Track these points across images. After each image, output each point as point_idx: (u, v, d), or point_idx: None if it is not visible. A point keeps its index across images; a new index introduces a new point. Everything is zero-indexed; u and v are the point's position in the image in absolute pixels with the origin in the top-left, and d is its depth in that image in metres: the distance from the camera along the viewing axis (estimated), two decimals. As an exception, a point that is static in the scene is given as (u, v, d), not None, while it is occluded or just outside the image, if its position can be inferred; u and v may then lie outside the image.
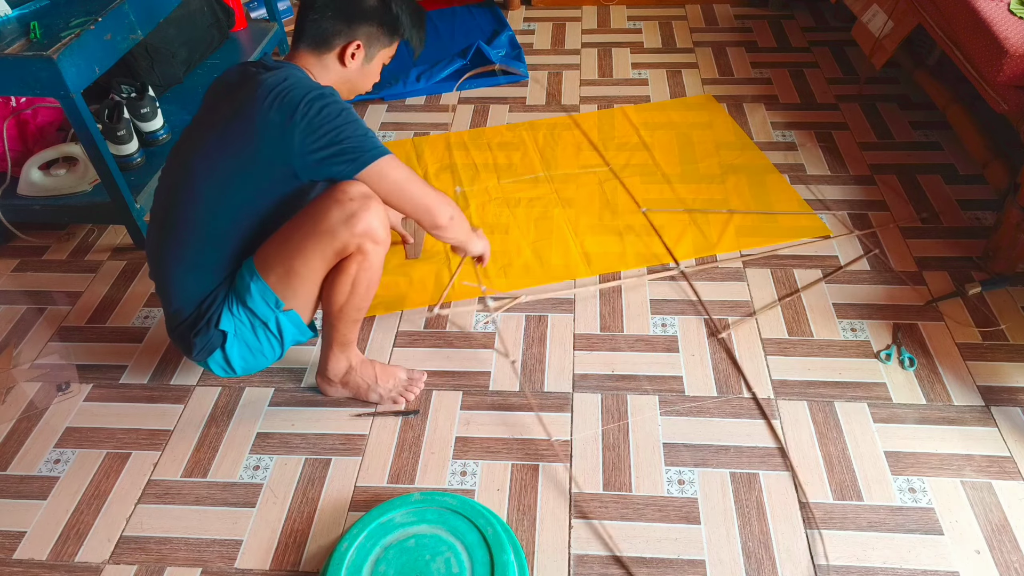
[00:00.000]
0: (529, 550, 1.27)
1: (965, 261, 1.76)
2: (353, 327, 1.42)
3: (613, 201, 2.02)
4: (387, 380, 1.51)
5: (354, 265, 1.30)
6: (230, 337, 1.35)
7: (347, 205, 1.25)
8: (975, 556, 1.23)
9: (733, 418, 1.46)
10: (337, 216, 1.25)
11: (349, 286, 1.32)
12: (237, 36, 2.59)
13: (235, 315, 1.35)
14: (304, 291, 1.34)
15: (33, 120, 1.99)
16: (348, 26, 1.31)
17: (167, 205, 1.34)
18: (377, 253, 1.30)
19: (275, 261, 1.31)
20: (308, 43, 1.32)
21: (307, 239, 1.27)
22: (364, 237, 1.26)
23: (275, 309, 1.34)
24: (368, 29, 1.33)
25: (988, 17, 1.65)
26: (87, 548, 1.32)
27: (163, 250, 1.35)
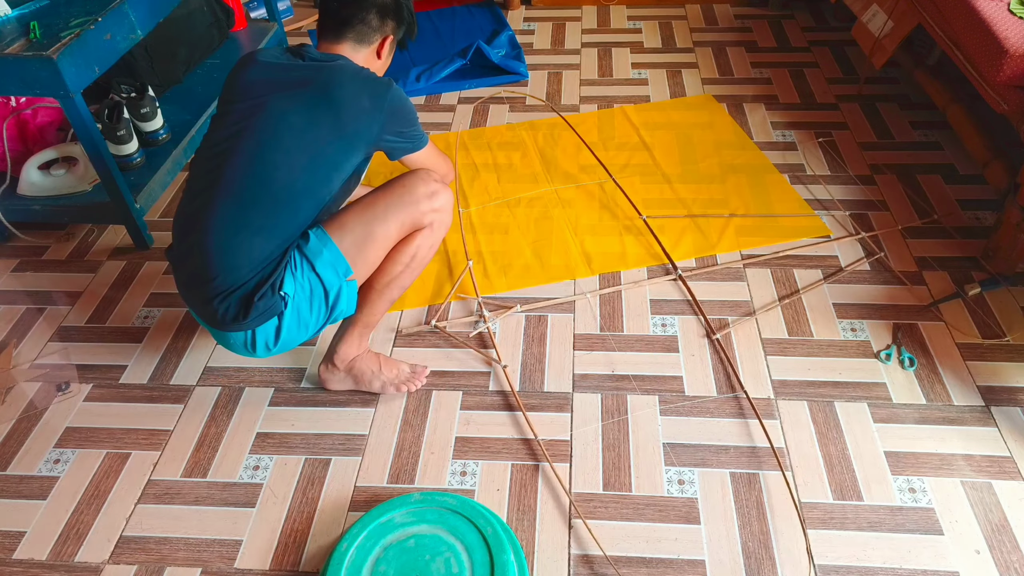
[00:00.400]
0: (529, 550, 1.27)
1: (965, 261, 1.76)
2: (386, 307, 1.49)
3: (613, 201, 2.02)
4: (391, 370, 1.53)
5: (420, 237, 1.43)
6: (290, 305, 1.34)
7: (431, 184, 1.43)
8: (975, 556, 1.23)
9: (733, 418, 1.46)
10: (423, 190, 1.41)
11: (409, 258, 1.43)
12: (237, 36, 2.59)
13: (298, 280, 1.34)
14: (373, 259, 1.41)
15: (33, 120, 1.98)
16: (382, 22, 1.45)
17: (227, 178, 1.32)
18: (442, 231, 1.47)
19: (355, 225, 1.38)
20: (350, 37, 1.44)
21: (391, 207, 1.39)
22: (440, 212, 1.43)
23: (341, 277, 1.37)
24: (393, 24, 1.48)
25: (988, 17, 1.65)
26: (87, 548, 1.32)
27: (221, 219, 1.30)
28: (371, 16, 1.43)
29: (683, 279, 1.75)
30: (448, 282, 1.80)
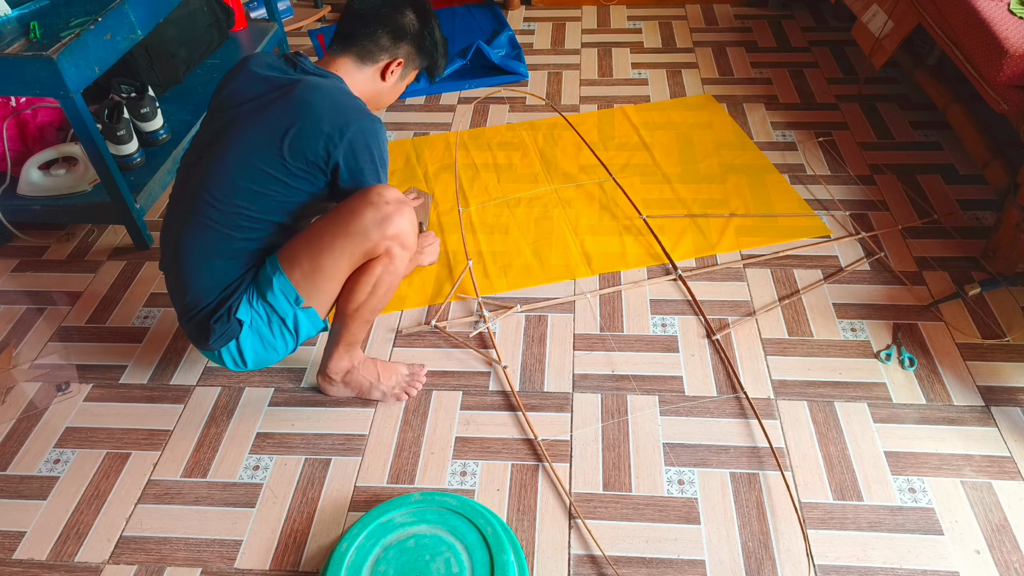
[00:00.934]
0: (529, 550, 1.27)
1: (965, 261, 1.76)
2: (364, 327, 1.43)
3: (613, 201, 2.02)
4: (389, 377, 1.52)
5: (379, 267, 1.32)
6: (245, 328, 1.34)
7: (382, 208, 1.28)
8: (975, 556, 1.23)
9: (733, 418, 1.46)
10: (371, 217, 1.27)
11: (370, 287, 1.34)
12: (237, 36, 2.59)
13: (253, 307, 1.34)
14: (327, 289, 1.34)
15: (33, 120, 1.98)
16: (394, 44, 1.39)
17: (194, 193, 1.33)
18: (403, 258, 1.33)
19: (302, 257, 1.32)
20: (353, 53, 1.38)
21: (338, 238, 1.29)
22: (394, 240, 1.29)
23: (294, 305, 1.34)
24: (409, 49, 1.41)
25: (988, 17, 1.65)
26: (87, 548, 1.32)
27: (187, 238, 1.33)
28: (381, 34, 1.37)
29: (683, 279, 1.75)
30: (448, 282, 1.80)
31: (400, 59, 1.41)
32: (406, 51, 1.41)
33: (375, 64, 1.40)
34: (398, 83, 1.45)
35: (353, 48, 1.38)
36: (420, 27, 1.41)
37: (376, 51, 1.38)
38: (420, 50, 1.43)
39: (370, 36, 1.36)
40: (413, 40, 1.40)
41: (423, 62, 1.46)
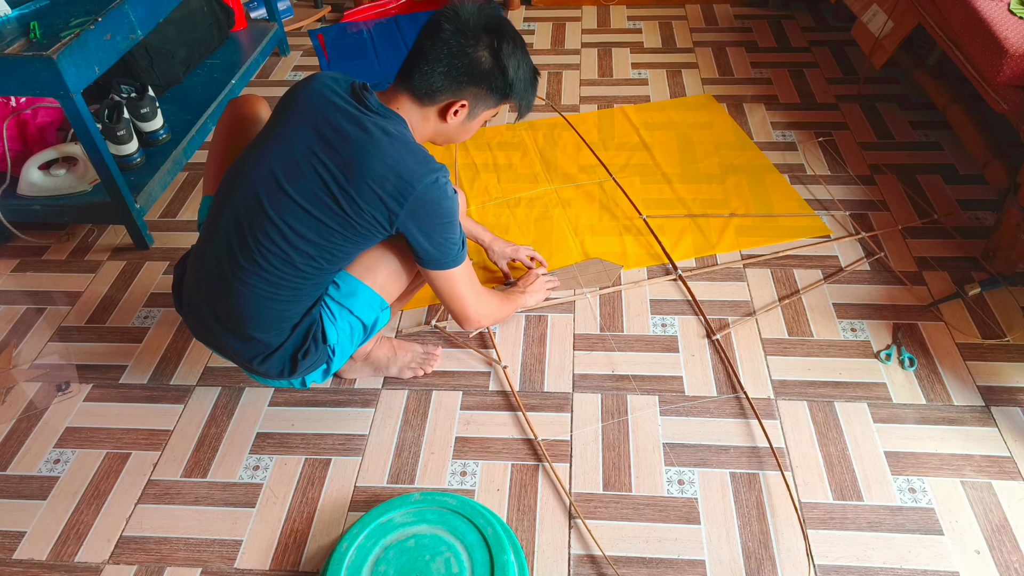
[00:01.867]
0: (529, 550, 1.27)
1: (965, 261, 1.76)
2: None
3: (613, 201, 2.02)
4: (405, 353, 1.57)
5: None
6: (338, 352, 1.33)
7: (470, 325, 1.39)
8: (975, 556, 1.23)
9: (733, 418, 1.46)
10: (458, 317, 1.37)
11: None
12: (237, 36, 2.59)
13: (338, 326, 1.30)
14: (408, 290, 1.40)
15: (33, 120, 1.99)
16: (456, 86, 1.21)
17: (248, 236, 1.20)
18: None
19: (379, 266, 1.31)
20: (414, 93, 1.22)
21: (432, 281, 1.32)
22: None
23: (378, 310, 1.34)
24: (476, 91, 1.23)
25: (988, 17, 1.65)
26: (87, 548, 1.32)
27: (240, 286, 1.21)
28: (440, 75, 1.19)
29: (683, 279, 1.75)
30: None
31: (463, 101, 1.23)
32: (472, 93, 1.22)
33: (434, 104, 1.23)
34: (467, 123, 1.28)
35: (411, 86, 1.21)
36: (492, 65, 1.21)
37: (435, 92, 1.21)
38: (493, 91, 1.23)
39: (426, 76, 1.19)
40: (482, 81, 1.21)
41: (499, 102, 1.27)
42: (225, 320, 1.26)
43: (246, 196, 1.20)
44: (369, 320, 1.34)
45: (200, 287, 1.28)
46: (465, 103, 1.23)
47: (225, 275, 1.22)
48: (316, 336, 1.28)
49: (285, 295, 1.22)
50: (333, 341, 1.30)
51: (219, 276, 1.23)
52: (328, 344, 1.30)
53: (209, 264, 1.25)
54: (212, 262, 1.24)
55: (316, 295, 1.28)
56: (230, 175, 1.26)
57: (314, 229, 1.18)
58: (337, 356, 1.33)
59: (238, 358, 1.32)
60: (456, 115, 1.25)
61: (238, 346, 1.28)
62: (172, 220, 2.06)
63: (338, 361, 1.35)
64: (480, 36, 1.19)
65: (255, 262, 1.19)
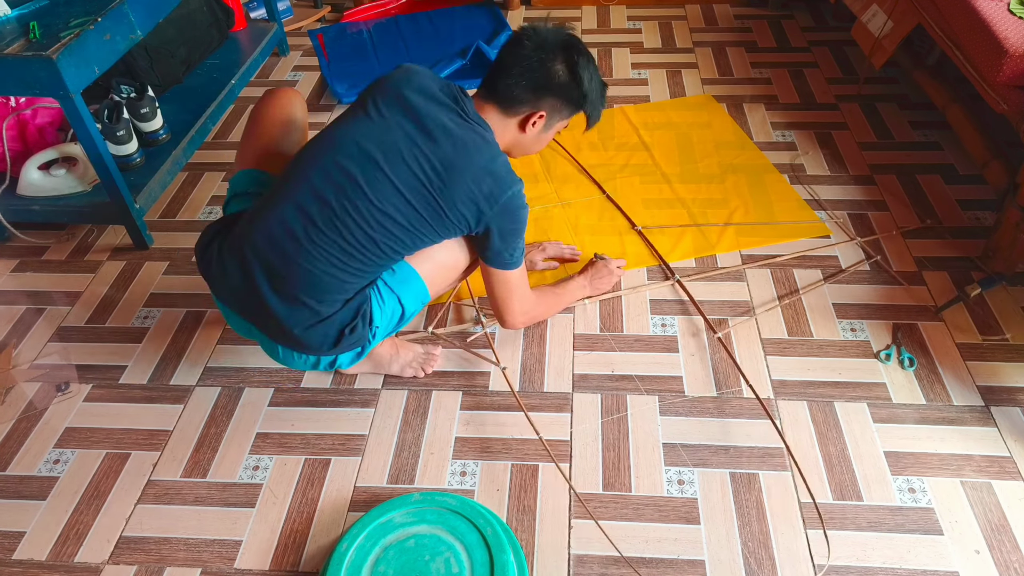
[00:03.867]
0: (529, 550, 1.27)
1: (965, 261, 1.76)
2: None
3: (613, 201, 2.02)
4: (407, 352, 1.57)
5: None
6: (379, 330, 1.37)
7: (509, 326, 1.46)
8: (975, 556, 1.23)
9: (733, 418, 1.46)
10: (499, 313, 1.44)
11: None
12: (237, 36, 2.59)
13: (384, 311, 1.35)
14: (453, 280, 1.43)
15: (33, 120, 1.98)
16: (536, 97, 1.31)
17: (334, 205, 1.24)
18: None
19: (436, 260, 1.37)
20: (497, 103, 1.32)
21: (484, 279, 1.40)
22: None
23: (422, 304, 1.41)
24: (554, 102, 1.33)
25: (988, 17, 1.65)
26: (87, 548, 1.32)
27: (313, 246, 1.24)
28: (521, 87, 1.29)
29: (681, 283, 1.75)
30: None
31: (542, 112, 1.32)
32: (550, 104, 1.32)
33: (515, 116, 1.33)
34: (542, 134, 1.38)
35: (495, 97, 1.32)
36: (568, 78, 1.30)
37: (516, 104, 1.31)
38: (568, 101, 1.33)
39: (510, 88, 1.29)
40: (559, 92, 1.31)
41: (572, 112, 1.37)
42: (279, 280, 1.26)
43: (333, 168, 1.24)
44: (411, 310, 1.38)
45: (258, 246, 1.26)
46: (543, 114, 1.33)
47: (297, 237, 1.24)
48: (365, 314, 1.32)
49: (354, 268, 1.27)
50: (377, 323, 1.34)
51: (289, 237, 1.25)
52: (373, 325, 1.34)
53: (275, 226, 1.26)
54: (279, 224, 1.25)
55: (377, 275, 1.33)
56: (310, 147, 1.30)
57: (405, 214, 1.25)
58: (375, 340, 1.37)
59: (276, 324, 1.29)
60: (534, 126, 1.34)
61: (282, 310, 1.27)
62: (172, 220, 2.06)
63: (372, 346, 1.39)
64: (557, 51, 1.30)
65: (337, 230, 1.23)
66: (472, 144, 1.25)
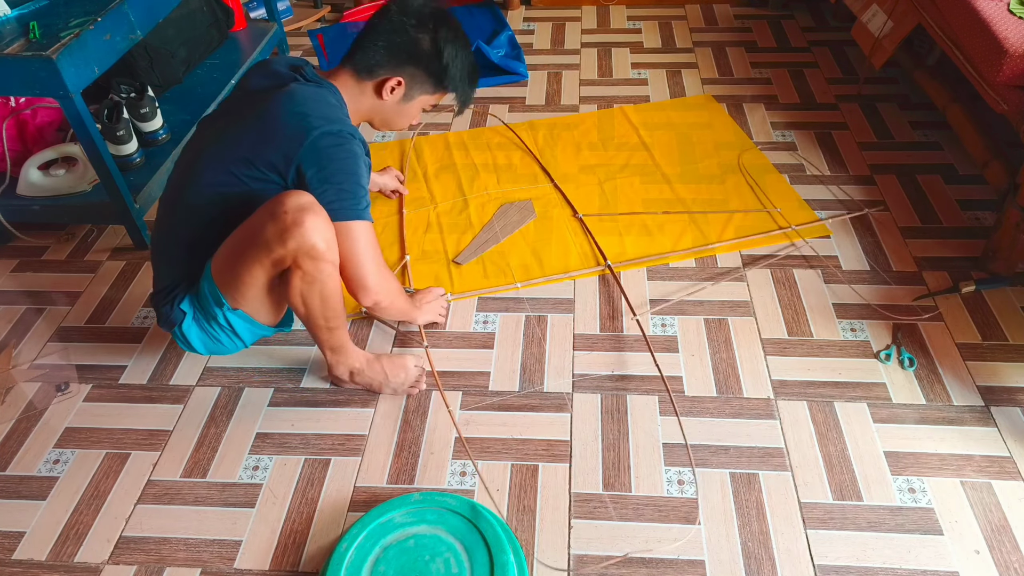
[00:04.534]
0: (529, 550, 1.27)
1: (965, 261, 1.76)
2: (332, 334, 1.39)
3: (613, 201, 2.02)
4: (397, 374, 1.51)
5: (297, 280, 1.26)
6: (188, 319, 1.38)
7: (281, 219, 1.19)
8: (975, 556, 1.23)
9: (733, 418, 1.46)
10: (272, 230, 1.20)
11: (300, 300, 1.29)
12: (237, 36, 2.59)
13: (192, 303, 1.38)
14: (252, 295, 1.31)
15: (32, 120, 1.98)
16: (394, 63, 1.32)
17: (175, 185, 1.39)
18: (319, 269, 1.24)
19: (223, 265, 1.30)
20: (353, 67, 1.34)
21: (247, 248, 1.25)
22: (299, 253, 1.21)
23: (220, 307, 1.34)
24: (413, 71, 1.34)
25: (988, 17, 1.65)
26: (86, 548, 1.32)
27: (163, 222, 1.41)
28: (381, 49, 1.31)
29: (612, 270, 1.77)
30: (446, 279, 1.80)
31: (400, 79, 1.34)
32: (409, 73, 1.34)
33: (371, 79, 1.34)
34: (403, 104, 1.39)
35: (354, 58, 1.35)
36: (431, 48, 1.34)
37: (373, 66, 1.33)
38: (429, 74, 1.35)
39: (370, 49, 1.32)
40: (419, 62, 1.33)
41: (436, 86, 1.39)
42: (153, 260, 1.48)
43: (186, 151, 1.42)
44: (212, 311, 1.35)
45: None
46: (401, 80, 1.34)
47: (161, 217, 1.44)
48: (176, 297, 1.37)
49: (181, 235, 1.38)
50: (186, 308, 1.37)
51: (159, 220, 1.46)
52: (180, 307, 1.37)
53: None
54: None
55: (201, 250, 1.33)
56: None
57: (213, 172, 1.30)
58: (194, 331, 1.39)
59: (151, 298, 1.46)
60: (392, 92, 1.35)
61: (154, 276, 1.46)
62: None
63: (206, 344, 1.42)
64: (423, 20, 1.32)
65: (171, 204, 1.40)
66: (292, 93, 1.27)
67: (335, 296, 1.31)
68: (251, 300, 1.32)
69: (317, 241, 1.20)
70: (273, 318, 1.41)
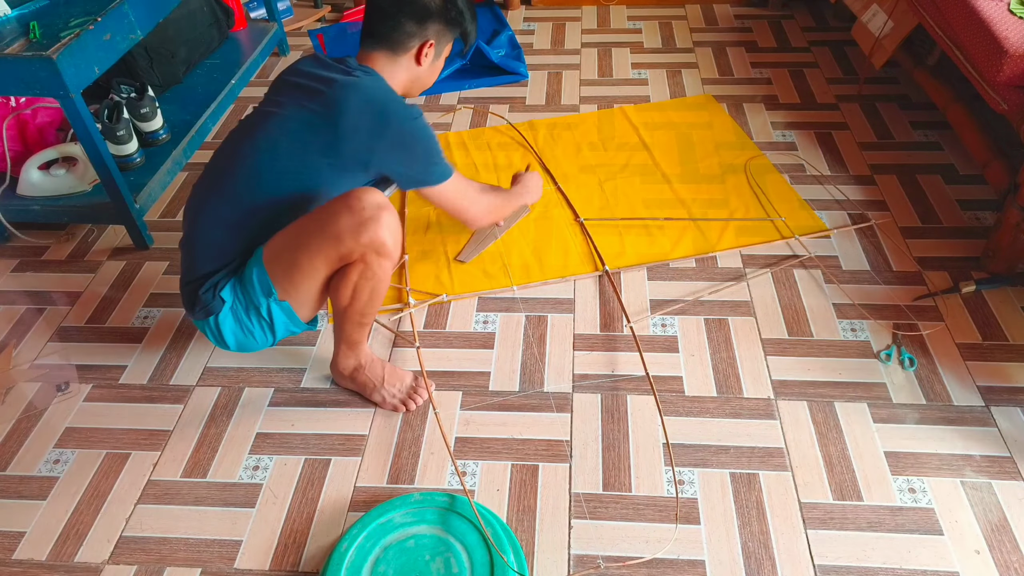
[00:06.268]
0: (529, 550, 1.27)
1: (965, 261, 1.76)
2: (358, 329, 1.42)
3: (613, 200, 2.02)
4: (393, 383, 1.50)
5: (355, 273, 1.30)
6: (226, 308, 1.37)
7: (359, 213, 1.25)
8: (975, 556, 1.23)
9: (733, 418, 1.46)
10: (347, 223, 1.25)
11: (351, 292, 1.33)
12: (237, 36, 2.60)
13: (235, 290, 1.38)
14: (304, 287, 1.34)
15: (33, 120, 1.99)
16: (420, 27, 1.39)
17: (223, 171, 1.39)
18: (381, 265, 1.30)
19: (283, 251, 1.32)
20: (383, 46, 1.40)
21: (314, 238, 1.29)
22: (369, 248, 1.27)
23: (268, 297, 1.35)
24: (437, 27, 1.41)
25: (988, 17, 1.65)
26: (86, 548, 1.32)
27: (206, 207, 1.39)
28: (405, 22, 1.38)
29: (609, 276, 1.77)
30: (445, 279, 1.80)
31: (430, 40, 1.41)
32: (435, 30, 1.41)
33: (408, 52, 1.41)
34: (435, 62, 1.47)
35: (383, 42, 1.39)
36: (443, 2, 1.41)
37: (405, 39, 1.39)
38: (448, 22, 1.43)
39: (395, 27, 1.37)
40: (439, 16, 1.40)
41: (454, 33, 1.46)
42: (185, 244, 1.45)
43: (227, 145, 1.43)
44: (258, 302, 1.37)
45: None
46: (432, 41, 1.42)
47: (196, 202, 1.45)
48: (219, 283, 1.37)
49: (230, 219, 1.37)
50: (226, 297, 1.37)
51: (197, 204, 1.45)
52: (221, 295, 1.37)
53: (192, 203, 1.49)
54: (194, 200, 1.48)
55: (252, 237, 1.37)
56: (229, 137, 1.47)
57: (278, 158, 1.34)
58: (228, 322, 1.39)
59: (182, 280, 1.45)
60: (427, 56, 1.43)
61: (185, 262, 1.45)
62: (172, 220, 2.06)
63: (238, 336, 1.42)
64: None
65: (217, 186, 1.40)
66: (356, 86, 1.32)
67: (382, 294, 1.37)
68: (302, 292, 1.35)
69: (388, 238, 1.28)
70: (311, 313, 1.43)
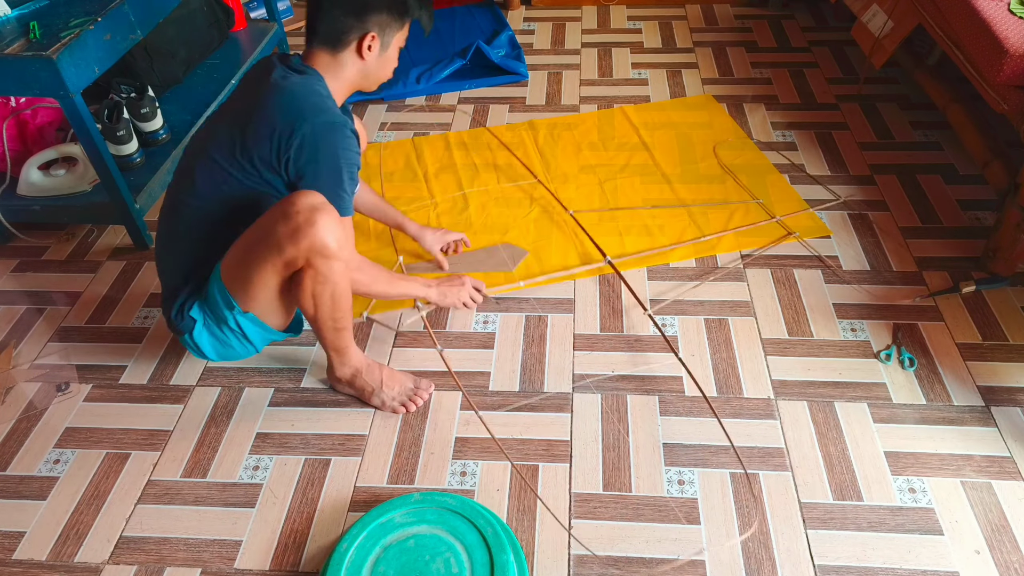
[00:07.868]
0: (529, 550, 1.27)
1: (965, 261, 1.76)
2: (337, 335, 1.39)
3: (613, 200, 2.02)
4: (392, 386, 1.50)
5: (308, 280, 1.26)
6: (199, 325, 1.38)
7: (293, 218, 1.20)
8: (975, 556, 1.23)
9: (733, 418, 1.46)
10: (283, 230, 1.21)
11: (311, 300, 1.29)
12: (237, 36, 2.59)
13: (203, 309, 1.38)
14: (261, 298, 1.31)
15: (33, 120, 1.98)
16: (359, 19, 1.28)
17: (174, 188, 1.40)
18: (331, 268, 1.25)
19: (234, 264, 1.30)
20: (322, 42, 1.31)
21: (257, 249, 1.25)
22: (311, 252, 1.22)
23: (230, 311, 1.34)
24: (378, 18, 1.30)
25: (988, 17, 1.65)
26: (87, 548, 1.32)
27: (164, 227, 1.41)
28: (339, 15, 1.27)
29: (614, 266, 1.77)
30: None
31: (371, 32, 1.30)
32: (377, 21, 1.30)
33: (347, 47, 1.30)
34: (383, 54, 1.35)
35: (321, 38, 1.30)
36: None
37: (341, 33, 1.29)
38: (392, 12, 1.31)
39: (332, 22, 1.28)
40: (379, 7, 1.29)
41: (402, 22, 1.34)
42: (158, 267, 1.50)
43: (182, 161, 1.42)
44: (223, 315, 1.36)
45: None
46: (374, 34, 1.30)
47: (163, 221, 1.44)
48: (185, 303, 1.38)
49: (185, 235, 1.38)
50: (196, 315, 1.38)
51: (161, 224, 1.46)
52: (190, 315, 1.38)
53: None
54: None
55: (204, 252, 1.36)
56: None
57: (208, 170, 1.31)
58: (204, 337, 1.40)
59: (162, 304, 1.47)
60: (370, 50, 1.32)
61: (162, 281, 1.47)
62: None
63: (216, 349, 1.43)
64: None
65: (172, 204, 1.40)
66: (280, 87, 1.26)
67: (346, 296, 1.32)
68: (262, 302, 1.32)
69: (329, 240, 1.21)
70: (283, 321, 1.41)
